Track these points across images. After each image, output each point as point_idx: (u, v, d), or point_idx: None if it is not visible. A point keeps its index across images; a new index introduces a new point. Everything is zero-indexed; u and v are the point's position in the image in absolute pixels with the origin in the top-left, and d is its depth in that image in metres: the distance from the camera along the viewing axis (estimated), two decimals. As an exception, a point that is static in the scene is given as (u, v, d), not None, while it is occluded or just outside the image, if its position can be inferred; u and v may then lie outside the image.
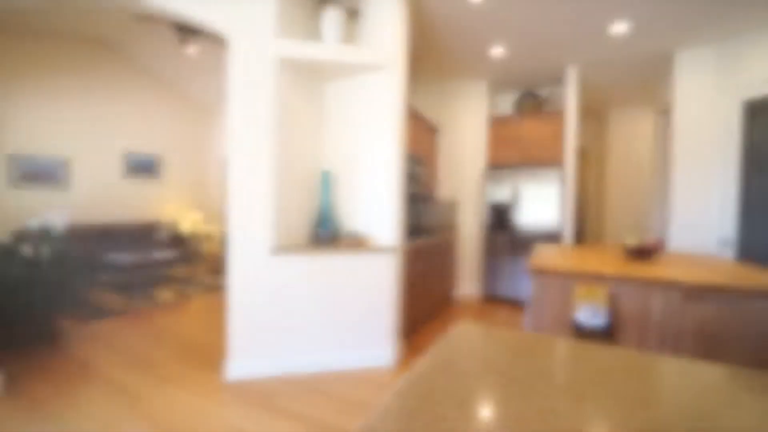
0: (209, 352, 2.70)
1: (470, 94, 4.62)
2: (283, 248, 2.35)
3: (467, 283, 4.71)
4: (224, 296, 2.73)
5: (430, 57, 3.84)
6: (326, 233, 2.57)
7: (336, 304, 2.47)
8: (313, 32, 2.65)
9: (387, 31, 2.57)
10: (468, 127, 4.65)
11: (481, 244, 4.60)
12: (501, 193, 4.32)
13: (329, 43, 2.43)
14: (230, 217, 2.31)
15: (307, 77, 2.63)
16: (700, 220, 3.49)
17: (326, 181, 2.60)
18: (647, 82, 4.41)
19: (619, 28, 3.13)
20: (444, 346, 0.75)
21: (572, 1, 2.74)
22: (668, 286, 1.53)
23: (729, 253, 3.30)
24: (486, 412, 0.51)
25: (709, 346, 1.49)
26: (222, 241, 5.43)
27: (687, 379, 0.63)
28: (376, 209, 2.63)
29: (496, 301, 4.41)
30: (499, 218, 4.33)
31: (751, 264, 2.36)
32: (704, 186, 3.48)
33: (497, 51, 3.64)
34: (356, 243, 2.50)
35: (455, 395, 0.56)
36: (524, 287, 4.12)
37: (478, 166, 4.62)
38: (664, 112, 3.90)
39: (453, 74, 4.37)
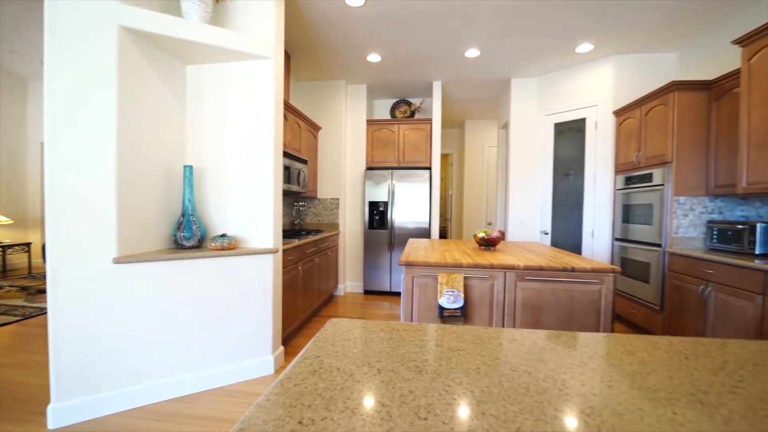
0: (26, 397, 2.07)
1: (351, 96, 4.74)
2: (134, 257, 1.96)
3: (351, 280, 4.83)
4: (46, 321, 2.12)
5: (312, 56, 3.78)
6: (191, 237, 2.26)
7: (207, 316, 2.20)
8: (174, 9, 2.29)
9: (262, 20, 2.40)
10: (349, 128, 4.76)
11: (362, 241, 4.78)
12: (379, 192, 4.56)
13: (192, 20, 2.14)
14: (50, 221, 1.81)
15: (167, 59, 2.26)
16: (529, 215, 4.38)
17: (189, 178, 2.28)
18: (494, 100, 5.30)
19: (473, 53, 3.66)
20: (314, 345, 0.74)
21: (437, 25, 3.08)
22: (507, 269, 1.87)
23: (547, 240, 4.23)
24: (352, 407, 0.53)
25: (534, 314, 1.87)
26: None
27: (517, 344, 0.78)
28: (251, 209, 2.45)
29: (378, 295, 4.64)
30: (379, 217, 4.57)
31: (559, 247, 3.06)
32: (531, 188, 4.38)
33: (374, 57, 3.82)
34: (228, 246, 2.28)
35: (324, 395, 0.56)
36: (401, 280, 4.46)
37: (358, 166, 4.78)
38: (505, 126, 4.76)
39: (335, 75, 4.40)
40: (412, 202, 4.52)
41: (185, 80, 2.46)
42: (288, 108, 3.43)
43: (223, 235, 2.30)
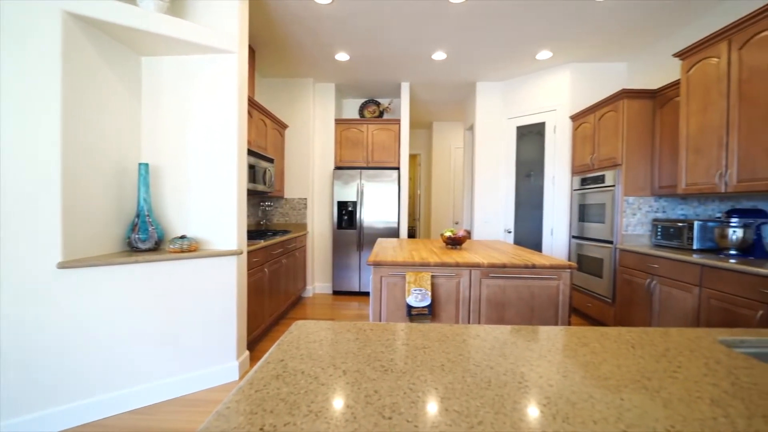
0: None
1: (320, 94, 4.68)
2: (82, 261, 1.82)
3: (319, 281, 4.76)
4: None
5: (278, 52, 3.69)
6: (147, 239, 2.13)
7: (166, 323, 2.08)
8: (123, -8, 2.15)
9: (225, 13, 2.31)
10: (317, 127, 4.70)
11: (331, 241, 4.73)
12: (348, 192, 4.53)
13: (148, 10, 2.01)
14: (-18, 223, 1.64)
15: (120, 50, 2.11)
16: (494, 214, 4.53)
17: (145, 176, 2.15)
18: (460, 102, 5.43)
19: (440, 55, 3.73)
20: (278, 349, 0.72)
21: (405, 26, 3.11)
22: (472, 267, 1.92)
23: (511, 239, 4.39)
24: (316, 410, 0.52)
25: (498, 310, 1.94)
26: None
27: (480, 340, 0.80)
28: (214, 209, 2.35)
29: (347, 295, 4.61)
30: (347, 216, 4.55)
31: (521, 245, 3.19)
32: (496, 189, 4.53)
33: (343, 56, 3.80)
34: (188, 248, 2.17)
35: (287, 400, 0.54)
36: (370, 280, 4.46)
37: (327, 165, 4.72)
38: (470, 129, 4.89)
39: (302, 72, 4.32)
40: (381, 202, 4.53)
41: (140, 72, 2.31)
42: (253, 105, 3.33)
43: (182, 237, 2.19)
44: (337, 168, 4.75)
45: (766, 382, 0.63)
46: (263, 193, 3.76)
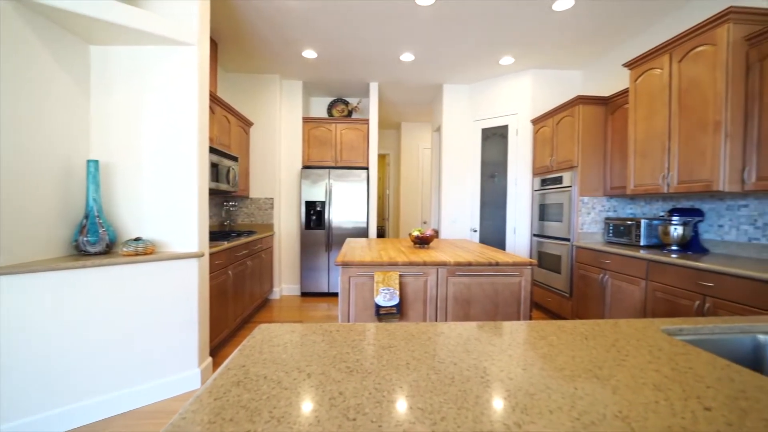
0: None
1: (287, 92, 4.57)
2: (19, 266, 1.66)
3: (287, 283, 4.66)
4: None
5: (242, 46, 3.56)
6: (97, 241, 1.98)
7: (121, 331, 1.95)
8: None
9: (184, 4, 2.20)
10: (284, 125, 4.59)
11: (298, 242, 4.64)
12: (316, 192, 4.47)
13: (94, -5, 1.87)
14: None
15: (64, 36, 1.95)
16: (460, 214, 4.65)
17: (94, 174, 2.00)
18: (428, 104, 5.52)
19: (407, 57, 3.77)
20: (239, 354, 0.70)
21: (373, 26, 3.11)
22: (439, 265, 1.96)
23: (476, 238, 4.52)
24: (278, 416, 0.51)
25: (464, 307, 1.99)
26: None
27: (445, 337, 0.82)
28: (173, 209, 2.23)
29: (316, 297, 4.55)
30: (316, 216, 4.48)
31: (486, 244, 3.29)
32: (462, 189, 4.65)
33: (310, 54, 3.73)
34: (144, 251, 2.05)
35: (248, 406, 0.53)
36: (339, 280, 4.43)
37: (294, 165, 4.63)
38: (438, 130, 4.98)
39: (268, 69, 4.20)
40: (349, 202, 4.51)
41: (89, 62, 2.15)
42: (215, 100, 3.20)
43: (137, 239, 2.06)
44: (305, 167, 4.67)
45: (700, 366, 0.69)
46: (227, 193, 3.62)
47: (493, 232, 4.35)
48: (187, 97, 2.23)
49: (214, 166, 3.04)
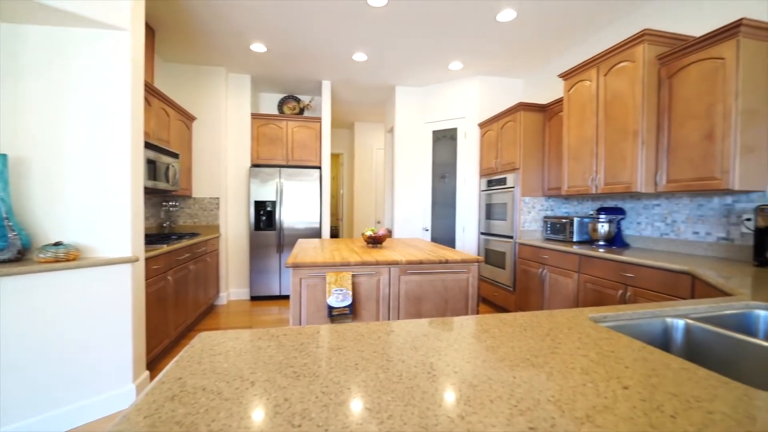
0: None
1: (233, 86, 4.35)
2: None
3: (235, 287, 4.44)
4: None
5: (184, 35, 3.32)
6: (6, 247, 1.74)
7: (38, 348, 1.72)
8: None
9: (109, -19, 2.00)
10: (231, 121, 4.36)
11: (247, 244, 4.44)
12: (266, 191, 4.31)
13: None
14: None
15: (-49, 5, 1.67)
16: (413, 213, 4.75)
17: (2, 171, 1.75)
18: (381, 104, 5.56)
19: (360, 57, 3.77)
20: (175, 366, 0.65)
21: (325, 23, 3.06)
22: (391, 264, 1.98)
23: (428, 236, 4.64)
24: (216, 429, 0.48)
25: (416, 305, 2.03)
26: None
27: (394, 335, 0.83)
28: (100, 211, 2.02)
29: (267, 300, 4.38)
30: (266, 217, 4.32)
31: (437, 242, 3.39)
32: (414, 189, 4.75)
33: (259, 47, 3.59)
34: (66, 257, 1.83)
35: (183, 422, 0.49)
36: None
37: (242, 163, 4.42)
38: (391, 131, 5.04)
39: (213, 60, 3.96)
40: (302, 202, 4.40)
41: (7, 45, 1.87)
42: (152, 91, 2.95)
43: (57, 244, 1.84)
44: (254, 165, 4.48)
45: (621, 349, 0.77)
46: (166, 192, 3.36)
47: (444, 231, 4.50)
48: (118, 87, 2.03)
49: (151, 163, 2.80)
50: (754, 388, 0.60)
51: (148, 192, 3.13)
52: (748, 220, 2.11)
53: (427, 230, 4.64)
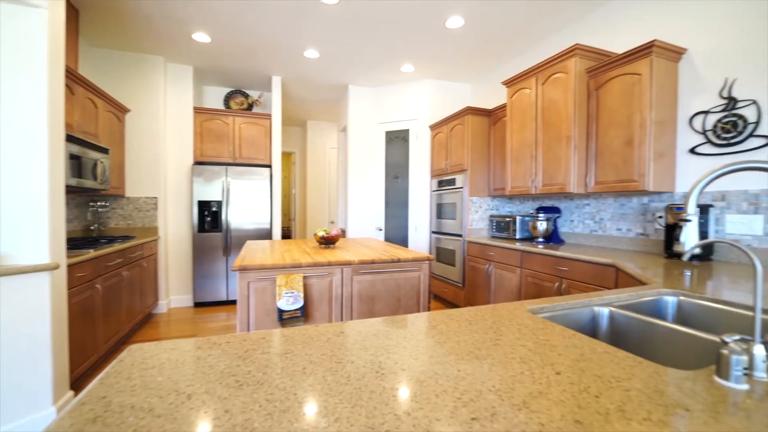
0: None
1: (173, 77, 4.04)
2: None
3: (177, 293, 4.13)
4: None
5: (114, 18, 3.01)
6: None
7: None
8: None
9: (19, -49, 1.76)
10: (171, 114, 4.05)
11: (190, 247, 4.16)
12: (211, 190, 4.07)
13: None
14: None
15: None
16: (366, 213, 4.76)
17: None
18: (334, 103, 5.50)
19: (312, 53, 3.69)
20: (99, 384, 0.59)
21: (275, 16, 2.95)
22: (344, 265, 1.97)
23: (381, 236, 4.68)
24: (148, 447, 0.44)
25: (369, 304, 2.04)
26: None
27: (344, 336, 0.82)
28: (10, 212, 1.76)
29: (213, 306, 4.13)
30: (211, 218, 4.07)
31: (390, 242, 3.43)
32: (368, 189, 4.76)
33: (202, 37, 3.37)
34: (-38, 266, 1.57)
35: (106, 445, 0.44)
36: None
37: (184, 160, 4.12)
38: (344, 130, 5.01)
39: (150, 48, 3.65)
40: (251, 202, 4.21)
41: None
42: (75, 78, 2.65)
43: (-50, 251, 1.57)
44: (198, 163, 4.21)
45: (555, 338, 0.83)
46: (94, 191, 3.03)
47: (397, 231, 4.56)
48: (33, 72, 1.79)
49: (75, 159, 2.52)
50: (663, 366, 0.68)
51: (72, 191, 2.81)
52: (660, 217, 2.40)
53: (380, 230, 4.67)
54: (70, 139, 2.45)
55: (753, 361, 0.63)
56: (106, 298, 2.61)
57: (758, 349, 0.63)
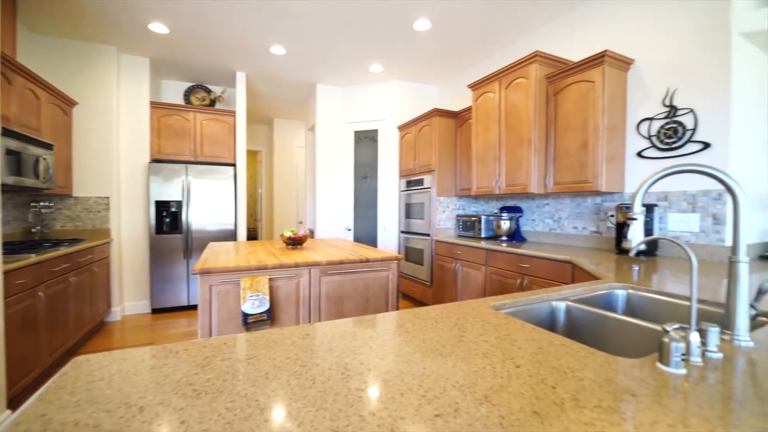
0: None
1: (127, 69, 3.79)
2: None
3: (132, 299, 3.88)
4: None
5: (64, 5, 2.78)
6: None
7: None
8: None
9: None
10: (124, 109, 3.80)
11: (147, 249, 3.92)
12: (170, 190, 3.86)
13: None
14: None
15: None
16: (335, 213, 4.72)
17: None
18: (302, 101, 5.40)
19: (278, 50, 3.61)
20: (38, 401, 0.54)
21: (240, 9, 2.85)
22: (311, 266, 1.94)
23: (351, 236, 4.66)
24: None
25: (337, 305, 2.02)
26: None
27: (310, 339, 0.81)
28: (-69, 213, 1.58)
29: (173, 312, 3.92)
30: (169, 219, 3.87)
31: (360, 242, 3.42)
32: (336, 189, 4.72)
33: (160, 28, 3.19)
34: None
35: (44, 467, 0.41)
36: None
37: (139, 157, 3.89)
38: (312, 129, 4.93)
39: (101, 37, 3.40)
40: (213, 202, 4.04)
41: None
42: (13, 66, 2.42)
43: None
44: (155, 161, 3.98)
45: (516, 333, 0.86)
46: (36, 190, 2.78)
47: (366, 231, 4.56)
48: (-44, 58, 1.61)
49: (13, 155, 2.30)
50: (613, 355, 0.72)
51: (10, 190, 2.56)
52: (612, 216, 2.57)
53: (349, 230, 4.65)
54: (6, 133, 2.23)
55: (689, 348, 0.69)
56: (51, 306, 2.40)
57: (694, 336, 0.69)
